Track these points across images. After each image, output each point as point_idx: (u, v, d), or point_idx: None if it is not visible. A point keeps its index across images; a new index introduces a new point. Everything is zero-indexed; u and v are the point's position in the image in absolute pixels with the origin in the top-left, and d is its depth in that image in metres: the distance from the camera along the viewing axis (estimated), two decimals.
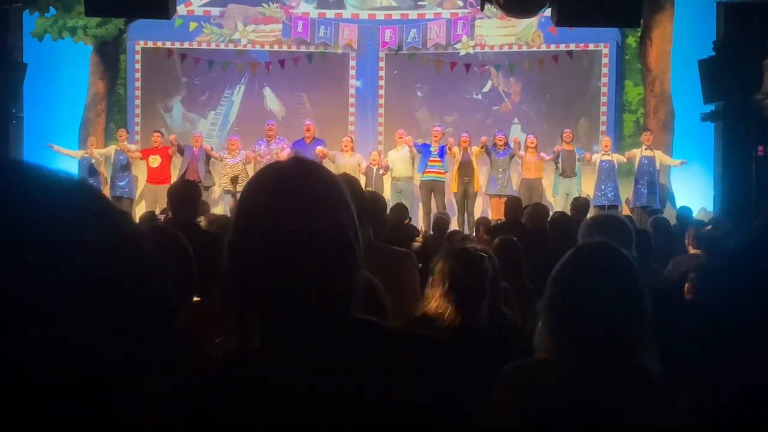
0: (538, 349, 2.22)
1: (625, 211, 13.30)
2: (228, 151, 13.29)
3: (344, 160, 13.06)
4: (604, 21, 10.86)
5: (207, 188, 12.75)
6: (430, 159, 13.21)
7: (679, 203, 13.43)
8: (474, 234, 9.77)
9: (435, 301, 3.01)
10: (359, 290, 1.40)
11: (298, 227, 1.35)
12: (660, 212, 12.70)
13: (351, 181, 3.28)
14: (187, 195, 5.11)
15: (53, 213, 0.65)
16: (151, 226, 2.74)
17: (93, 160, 13.33)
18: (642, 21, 13.87)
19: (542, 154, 13.33)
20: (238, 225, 1.41)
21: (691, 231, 6.90)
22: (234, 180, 12.91)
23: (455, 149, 13.16)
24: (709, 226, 7.63)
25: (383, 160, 13.42)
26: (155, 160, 13.18)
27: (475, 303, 3.02)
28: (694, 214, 11.76)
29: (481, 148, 13.19)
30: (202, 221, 6.84)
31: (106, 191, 13.55)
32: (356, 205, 1.45)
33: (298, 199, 1.37)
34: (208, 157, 13.25)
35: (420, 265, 3.81)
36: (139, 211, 12.85)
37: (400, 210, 8.85)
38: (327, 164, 12.69)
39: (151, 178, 13.26)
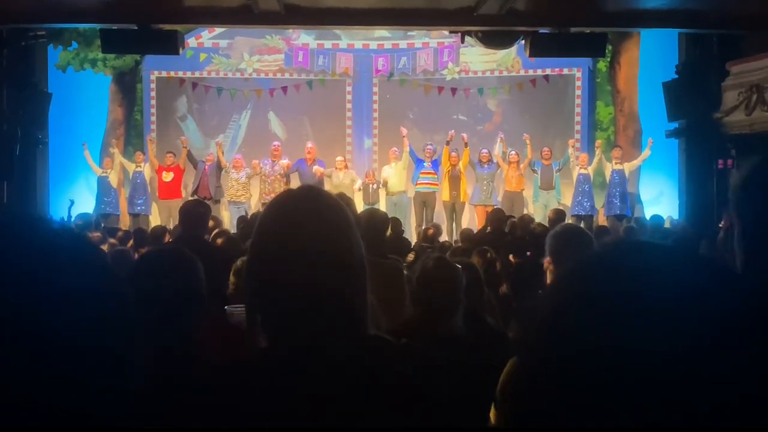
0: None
1: (601, 219, 13.32)
2: (234, 168, 13.36)
3: (339, 178, 13.13)
4: (572, 52, 10.87)
5: (217, 201, 12.95)
6: (423, 171, 13.24)
7: (647, 212, 13.45)
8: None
9: (412, 310, 2.90)
10: (369, 303, 1.43)
11: (311, 248, 1.38)
12: (630, 220, 12.76)
13: (347, 201, 3.29)
14: (196, 213, 5.14)
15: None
16: (170, 248, 2.74)
17: (108, 179, 13.38)
18: (611, 47, 13.94)
19: (520, 166, 13.33)
20: (257, 249, 1.44)
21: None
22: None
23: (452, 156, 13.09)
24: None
25: (379, 177, 13.47)
26: (167, 176, 13.27)
27: (448, 312, 2.87)
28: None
29: (464, 146, 13.16)
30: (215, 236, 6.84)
31: (124, 207, 13.61)
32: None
33: (312, 223, 1.41)
34: (219, 171, 13.29)
35: None
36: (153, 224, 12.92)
37: (396, 224, 8.86)
38: (324, 181, 12.79)
39: (162, 193, 13.30)
